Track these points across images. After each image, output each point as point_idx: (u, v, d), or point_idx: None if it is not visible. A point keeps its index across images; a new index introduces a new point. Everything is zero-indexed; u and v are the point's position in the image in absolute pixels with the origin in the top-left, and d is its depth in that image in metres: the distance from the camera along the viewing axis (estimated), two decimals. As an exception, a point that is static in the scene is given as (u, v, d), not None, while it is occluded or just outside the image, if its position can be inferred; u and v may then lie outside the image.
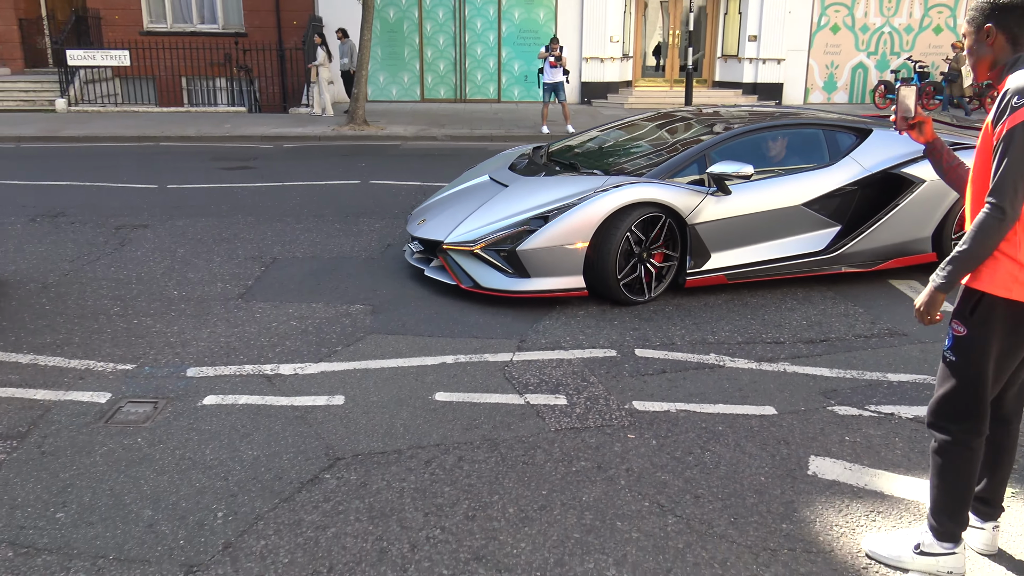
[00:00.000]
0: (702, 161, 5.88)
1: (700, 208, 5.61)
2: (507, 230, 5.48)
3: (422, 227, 6.00)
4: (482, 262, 5.54)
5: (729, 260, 5.77)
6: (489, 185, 6.31)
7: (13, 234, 7.15)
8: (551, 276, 5.42)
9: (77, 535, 2.91)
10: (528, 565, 2.81)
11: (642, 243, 5.50)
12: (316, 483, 3.29)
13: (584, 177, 5.94)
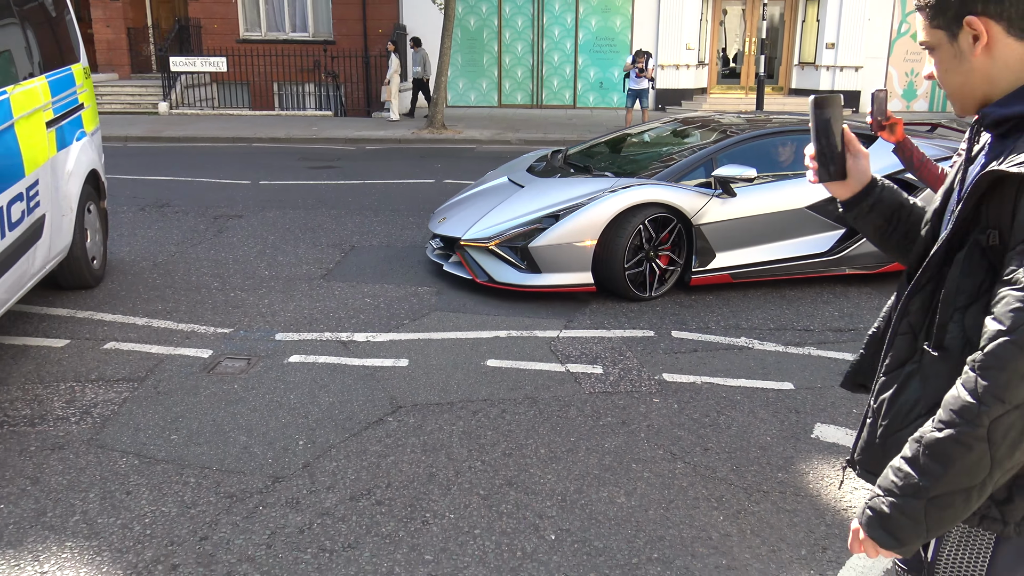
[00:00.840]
0: (709, 164, 6.14)
1: (705, 209, 5.85)
2: (520, 228, 5.78)
3: (442, 225, 6.33)
4: (496, 258, 5.85)
5: (734, 260, 6.00)
6: (507, 186, 6.63)
7: (126, 220, 8.04)
8: (561, 272, 5.72)
9: (187, 452, 3.59)
10: (551, 491, 3.35)
11: (649, 242, 5.75)
12: (380, 424, 3.90)
13: (595, 179, 6.25)
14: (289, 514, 3.14)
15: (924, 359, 1.49)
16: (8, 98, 4.54)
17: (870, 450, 1.61)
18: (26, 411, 3.96)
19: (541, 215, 5.82)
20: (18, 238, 4.45)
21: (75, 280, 5.68)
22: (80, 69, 6.01)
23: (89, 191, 5.81)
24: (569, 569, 2.86)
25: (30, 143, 4.72)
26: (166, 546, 2.93)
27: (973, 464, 1.33)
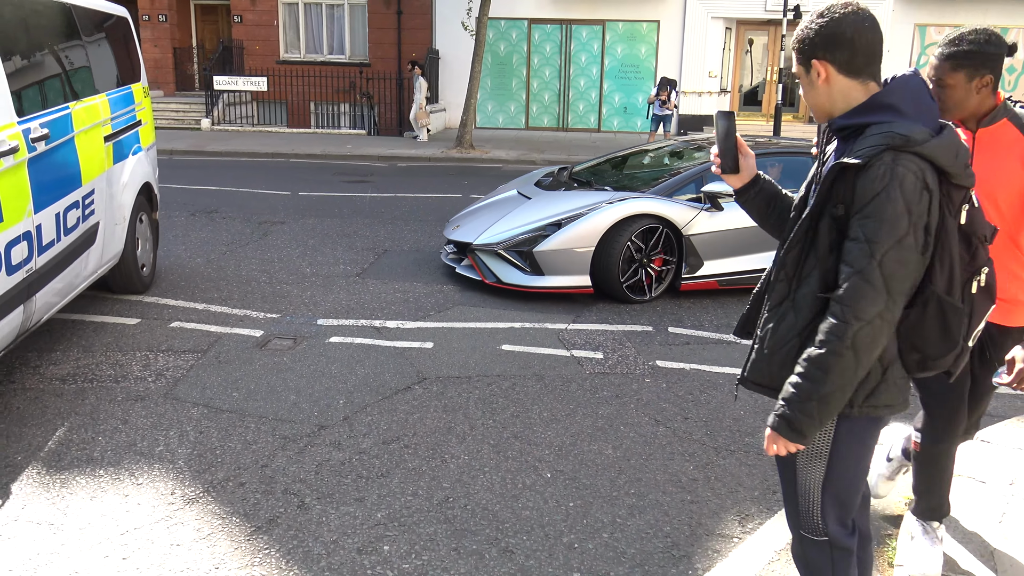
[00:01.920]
0: (699, 181, 6.72)
1: (695, 221, 6.43)
2: (526, 234, 6.37)
3: (456, 232, 6.93)
4: (504, 261, 6.43)
5: (720, 268, 6.57)
6: (515, 198, 7.23)
7: (179, 224, 8.83)
8: (562, 275, 6.29)
9: (247, 405, 4.28)
10: (550, 443, 4.00)
11: (642, 250, 6.31)
12: (408, 390, 4.57)
13: (595, 192, 6.85)
14: (332, 452, 3.82)
15: (796, 297, 2.08)
16: (70, 113, 4.86)
17: (757, 366, 2.14)
18: (110, 372, 4.68)
19: (545, 223, 6.41)
20: (73, 242, 4.75)
21: (125, 285, 5.99)
22: (140, 88, 6.44)
23: (142, 202, 6.13)
24: (560, 499, 3.50)
25: (88, 155, 5.07)
26: (234, 470, 3.61)
27: (845, 367, 1.90)
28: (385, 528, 3.21)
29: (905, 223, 1.87)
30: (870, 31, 1.97)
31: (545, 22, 21.54)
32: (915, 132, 1.90)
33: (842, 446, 2.09)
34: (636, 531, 3.27)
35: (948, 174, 1.94)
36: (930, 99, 1.98)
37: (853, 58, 1.98)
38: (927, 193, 1.89)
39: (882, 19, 20.69)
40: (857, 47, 1.97)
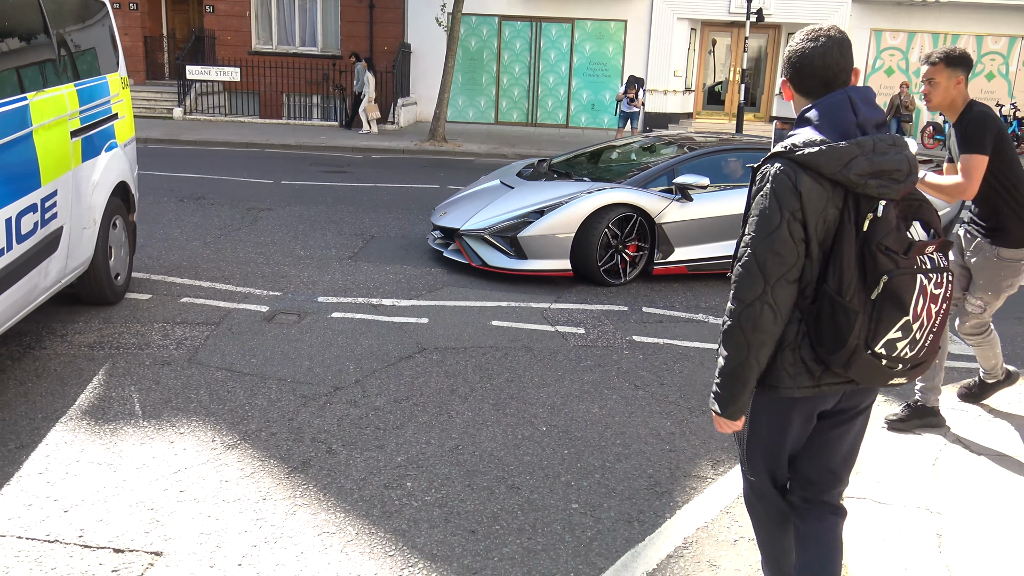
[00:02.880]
0: (671, 173, 7.27)
1: (666, 211, 6.92)
2: (510, 220, 6.83)
3: (443, 218, 7.36)
4: (489, 246, 6.87)
5: (689, 254, 7.06)
6: (498, 187, 7.67)
7: (170, 209, 9.14)
8: (544, 259, 6.76)
9: (265, 369, 4.70)
10: (543, 403, 4.47)
11: (618, 237, 6.79)
12: (411, 358, 5.01)
13: (575, 182, 7.34)
14: (350, 408, 4.25)
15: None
16: (27, 105, 4.34)
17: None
18: (133, 340, 5.06)
19: (528, 211, 6.88)
20: (29, 250, 4.28)
21: (95, 296, 5.46)
22: (118, 79, 5.90)
23: (116, 204, 5.61)
24: (556, 447, 3.98)
25: (51, 152, 4.56)
26: (264, 422, 4.03)
27: (738, 345, 2.14)
28: (405, 469, 3.66)
29: (777, 217, 2.07)
30: (821, 57, 2.19)
31: (516, 19, 21.98)
32: (805, 140, 2.10)
33: (751, 414, 2.34)
34: (623, 473, 3.76)
35: (843, 183, 2.08)
36: (850, 113, 2.14)
37: (803, 81, 2.24)
38: (797, 193, 2.07)
39: (839, 24, 21.50)
40: (805, 72, 2.22)
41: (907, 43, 22.15)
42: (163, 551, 2.95)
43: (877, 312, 2.06)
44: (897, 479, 3.65)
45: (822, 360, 2.15)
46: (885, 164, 2.07)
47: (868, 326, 2.07)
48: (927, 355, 2.18)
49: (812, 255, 2.10)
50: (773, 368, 2.19)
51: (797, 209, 2.06)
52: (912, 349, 2.12)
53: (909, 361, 2.15)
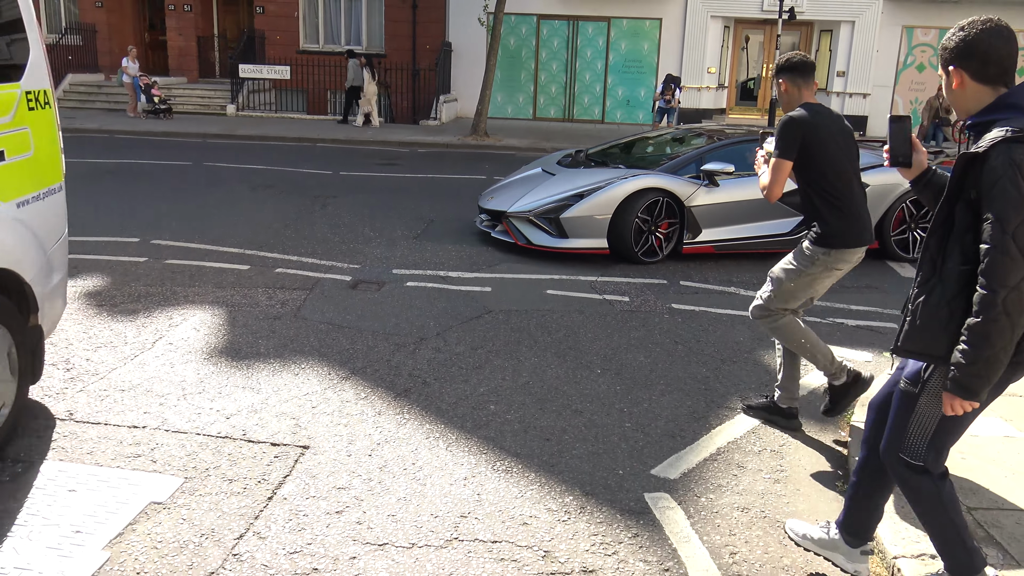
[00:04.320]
0: (699, 161, 7.87)
1: (695, 195, 7.54)
2: (553, 203, 7.51)
3: (491, 202, 8.10)
4: (534, 226, 7.57)
5: (716, 235, 7.68)
6: (540, 175, 8.36)
7: (247, 196, 10.05)
8: (583, 238, 7.44)
9: (360, 323, 5.53)
10: (597, 353, 5.26)
11: (650, 219, 7.41)
12: (480, 318, 5.82)
13: (611, 169, 8.00)
14: (435, 353, 5.07)
15: (942, 272, 2.35)
16: None
17: (910, 336, 2.43)
18: (244, 301, 5.92)
19: (569, 194, 7.56)
20: None
21: None
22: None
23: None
24: (610, 384, 4.75)
25: None
26: (368, 362, 4.86)
27: (1002, 330, 2.18)
28: (487, 397, 4.47)
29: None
30: (1004, 44, 2.28)
31: (553, 18, 22.72)
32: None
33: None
34: (667, 404, 4.53)
35: None
36: None
37: (986, 69, 2.30)
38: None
39: (871, 22, 22.00)
40: (990, 59, 2.29)
41: (938, 39, 22.52)
42: (309, 445, 3.78)
43: None
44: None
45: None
46: None
47: None
48: None
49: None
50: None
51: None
52: None
53: None
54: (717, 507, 3.47)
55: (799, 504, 3.53)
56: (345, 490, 3.41)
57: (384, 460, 3.69)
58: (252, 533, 3.06)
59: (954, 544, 2.58)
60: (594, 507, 3.39)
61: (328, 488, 3.42)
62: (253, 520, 3.14)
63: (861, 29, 22.24)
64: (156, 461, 3.56)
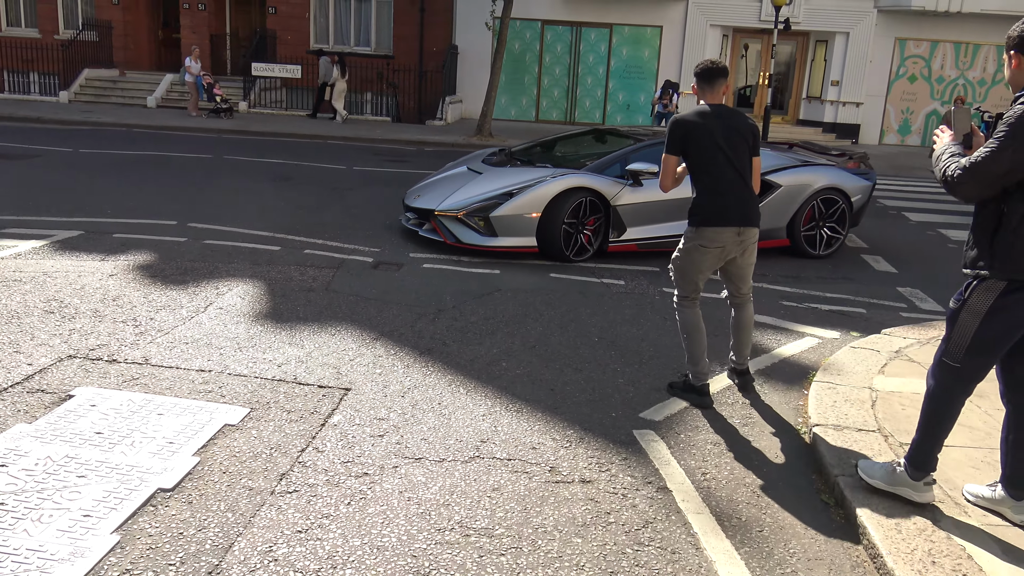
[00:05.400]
0: (624, 161, 7.97)
1: (620, 194, 7.67)
2: (483, 202, 7.54)
3: (418, 200, 8.09)
4: (463, 224, 7.58)
5: (640, 234, 7.86)
6: (467, 173, 8.37)
7: (268, 187, 10.73)
8: (513, 236, 7.49)
9: (385, 296, 6.21)
10: (594, 324, 5.94)
11: (578, 218, 7.54)
12: (491, 294, 6.51)
13: (539, 169, 8.08)
14: (452, 322, 5.75)
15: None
16: None
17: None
18: (279, 276, 6.61)
19: (499, 192, 7.61)
20: None
21: None
22: None
23: None
24: (605, 349, 5.44)
25: None
26: (393, 327, 5.54)
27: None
28: (499, 357, 5.15)
29: None
30: None
31: (557, 23, 23.45)
32: None
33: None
34: (655, 366, 5.22)
35: None
36: None
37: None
38: None
39: (865, 33, 22.74)
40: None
41: (930, 52, 23.27)
42: (351, 388, 4.46)
43: None
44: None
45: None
46: None
47: None
48: None
49: None
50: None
51: None
52: None
53: None
54: (694, 441, 4.16)
55: (761, 442, 4.21)
56: (384, 420, 4.09)
57: (415, 400, 4.38)
58: (311, 448, 3.74)
59: (935, 440, 3.35)
60: (591, 439, 4.08)
61: (370, 419, 4.10)
62: (311, 439, 3.83)
63: (855, 40, 22.97)
64: (224, 396, 4.24)
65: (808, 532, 3.40)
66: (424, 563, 2.96)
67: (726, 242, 4.48)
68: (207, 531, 3.04)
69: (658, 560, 3.10)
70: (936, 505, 3.44)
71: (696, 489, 3.66)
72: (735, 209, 4.47)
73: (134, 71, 24.00)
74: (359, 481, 3.49)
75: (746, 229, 4.50)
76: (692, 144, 4.45)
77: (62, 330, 5.02)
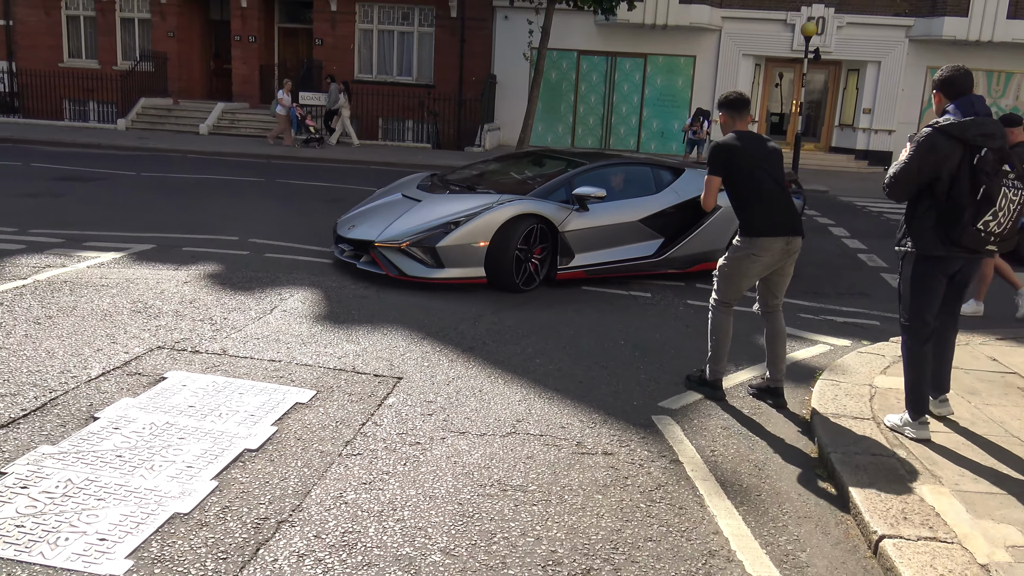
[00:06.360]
0: (569, 185, 7.78)
1: (568, 220, 7.41)
2: (427, 231, 7.09)
3: (352, 231, 7.56)
4: (407, 256, 7.11)
5: (587, 260, 7.63)
6: (403, 200, 7.90)
7: (319, 208, 11.50)
8: (460, 267, 7.10)
9: (428, 303, 6.82)
10: (621, 331, 6.49)
11: (527, 246, 7.25)
12: (526, 304, 7.08)
13: (482, 195, 7.67)
14: (491, 326, 6.34)
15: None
16: None
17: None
18: (335, 285, 7.26)
19: (445, 221, 7.16)
20: None
21: None
22: None
23: None
24: (630, 351, 5.98)
25: None
26: (440, 328, 6.14)
27: None
28: (534, 355, 5.73)
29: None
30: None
31: (593, 53, 24.18)
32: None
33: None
34: (675, 365, 5.75)
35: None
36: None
37: None
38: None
39: (897, 62, 23.12)
40: None
41: (962, 80, 23.52)
42: (402, 377, 5.07)
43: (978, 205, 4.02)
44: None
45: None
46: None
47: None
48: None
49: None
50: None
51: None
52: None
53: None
54: (706, 426, 4.69)
55: (767, 428, 4.73)
56: (432, 403, 4.69)
57: (458, 388, 4.96)
58: (371, 423, 4.34)
59: (921, 388, 4.43)
60: (614, 421, 4.63)
61: (420, 401, 4.69)
62: (370, 415, 4.43)
63: (887, 69, 23.37)
64: (294, 381, 4.86)
65: (801, 498, 3.91)
66: (468, 509, 3.53)
67: (776, 252, 4.88)
68: (288, 481, 3.64)
69: (667, 513, 3.64)
70: (914, 478, 3.93)
71: (704, 462, 4.19)
72: (784, 220, 4.89)
73: (187, 100, 25.15)
74: (412, 448, 4.08)
75: (793, 239, 4.90)
76: (735, 165, 4.88)
77: (149, 326, 5.70)
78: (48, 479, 3.47)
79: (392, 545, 3.21)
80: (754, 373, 5.66)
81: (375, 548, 3.18)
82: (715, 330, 5.15)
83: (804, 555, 3.41)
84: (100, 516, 3.21)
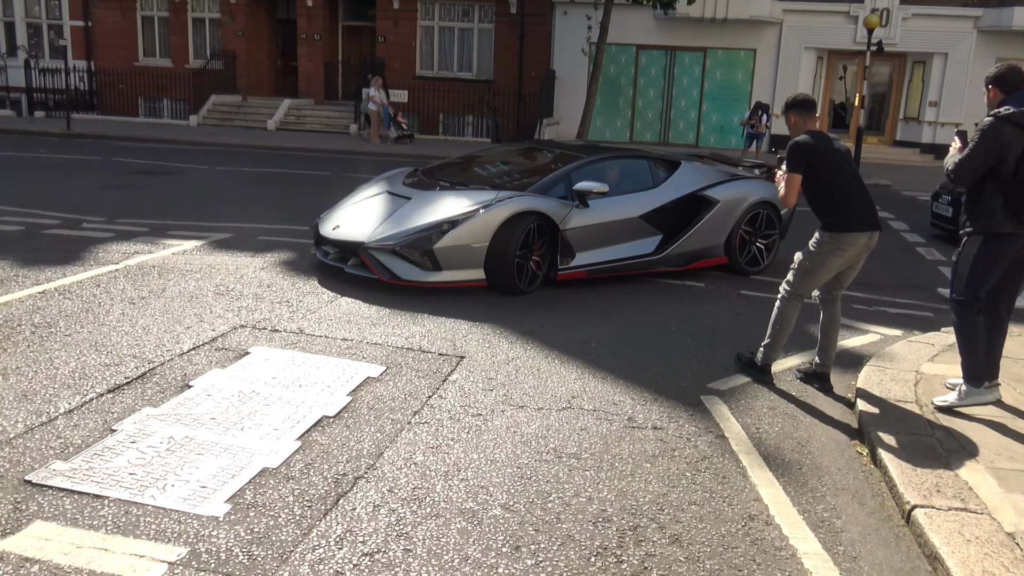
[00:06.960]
0: (567, 180, 7.38)
1: (568, 217, 7.01)
2: (422, 232, 6.63)
3: (337, 231, 7.03)
4: (400, 259, 6.65)
5: (589, 259, 7.28)
6: (391, 198, 7.34)
7: (383, 199, 11.90)
8: (458, 269, 6.69)
9: (491, 290, 7.15)
10: (673, 317, 6.73)
11: (528, 244, 6.85)
12: (581, 292, 7.37)
13: (477, 191, 7.16)
14: (549, 311, 6.64)
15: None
16: None
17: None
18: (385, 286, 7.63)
19: (440, 221, 6.71)
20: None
21: None
22: None
23: None
24: (681, 336, 6.22)
25: None
26: (496, 313, 6.47)
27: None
28: (588, 339, 6.02)
29: None
30: None
31: (652, 48, 24.25)
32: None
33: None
34: (726, 352, 5.96)
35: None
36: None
37: None
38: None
39: (964, 54, 22.68)
40: None
41: (1033, 72, 22.96)
42: (465, 356, 5.42)
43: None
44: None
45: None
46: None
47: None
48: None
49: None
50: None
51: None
52: None
53: None
54: (752, 406, 4.92)
55: (812, 409, 4.94)
56: (492, 379, 5.02)
57: (517, 367, 5.29)
58: (436, 396, 4.70)
59: (978, 356, 4.67)
60: (664, 399, 4.90)
61: (482, 378, 5.03)
62: (435, 390, 4.78)
63: (954, 61, 22.93)
64: (365, 357, 5.25)
65: (840, 472, 4.13)
66: (526, 472, 3.85)
67: (860, 246, 5.02)
68: (363, 444, 4.01)
69: (711, 481, 3.91)
70: (951, 456, 4.12)
71: (749, 438, 4.44)
72: (868, 215, 5.03)
73: (255, 96, 25.98)
74: (475, 419, 4.42)
75: (875, 233, 5.05)
76: (817, 163, 4.98)
77: (232, 307, 6.16)
78: (152, 436, 3.90)
79: (457, 500, 3.55)
80: (802, 359, 5.85)
81: (442, 502, 3.52)
82: (780, 319, 5.31)
83: (839, 522, 3.64)
84: (200, 468, 3.62)
